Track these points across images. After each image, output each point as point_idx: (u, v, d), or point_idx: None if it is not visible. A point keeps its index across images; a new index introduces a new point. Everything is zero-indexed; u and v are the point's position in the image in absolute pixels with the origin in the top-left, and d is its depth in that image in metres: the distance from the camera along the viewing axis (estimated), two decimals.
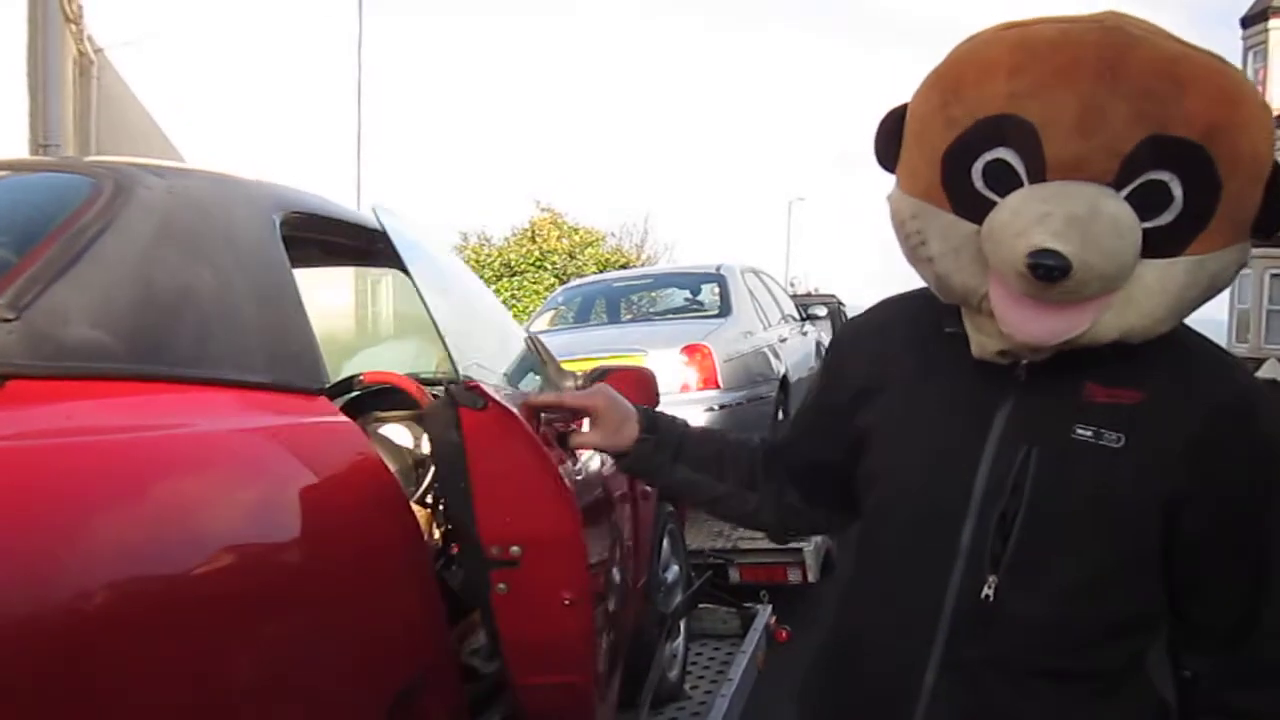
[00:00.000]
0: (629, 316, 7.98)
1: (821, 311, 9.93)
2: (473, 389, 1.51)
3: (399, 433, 2.69)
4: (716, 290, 7.25)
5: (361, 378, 2.63)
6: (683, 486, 1.46)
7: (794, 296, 10.06)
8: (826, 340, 9.70)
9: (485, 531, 1.49)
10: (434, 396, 2.61)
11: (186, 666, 1.03)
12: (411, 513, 1.50)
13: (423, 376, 3.17)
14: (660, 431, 1.42)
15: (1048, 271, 0.98)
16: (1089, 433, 1.09)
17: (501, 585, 1.50)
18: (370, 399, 2.75)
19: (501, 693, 2.11)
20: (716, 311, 6.96)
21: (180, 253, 1.34)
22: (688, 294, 7.99)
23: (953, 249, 1.10)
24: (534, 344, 2.73)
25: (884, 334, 1.31)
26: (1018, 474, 1.10)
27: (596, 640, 1.66)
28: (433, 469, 2.40)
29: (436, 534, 2.64)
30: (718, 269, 7.43)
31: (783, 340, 7.24)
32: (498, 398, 1.51)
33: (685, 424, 1.49)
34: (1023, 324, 1.05)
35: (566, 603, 1.55)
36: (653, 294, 8.63)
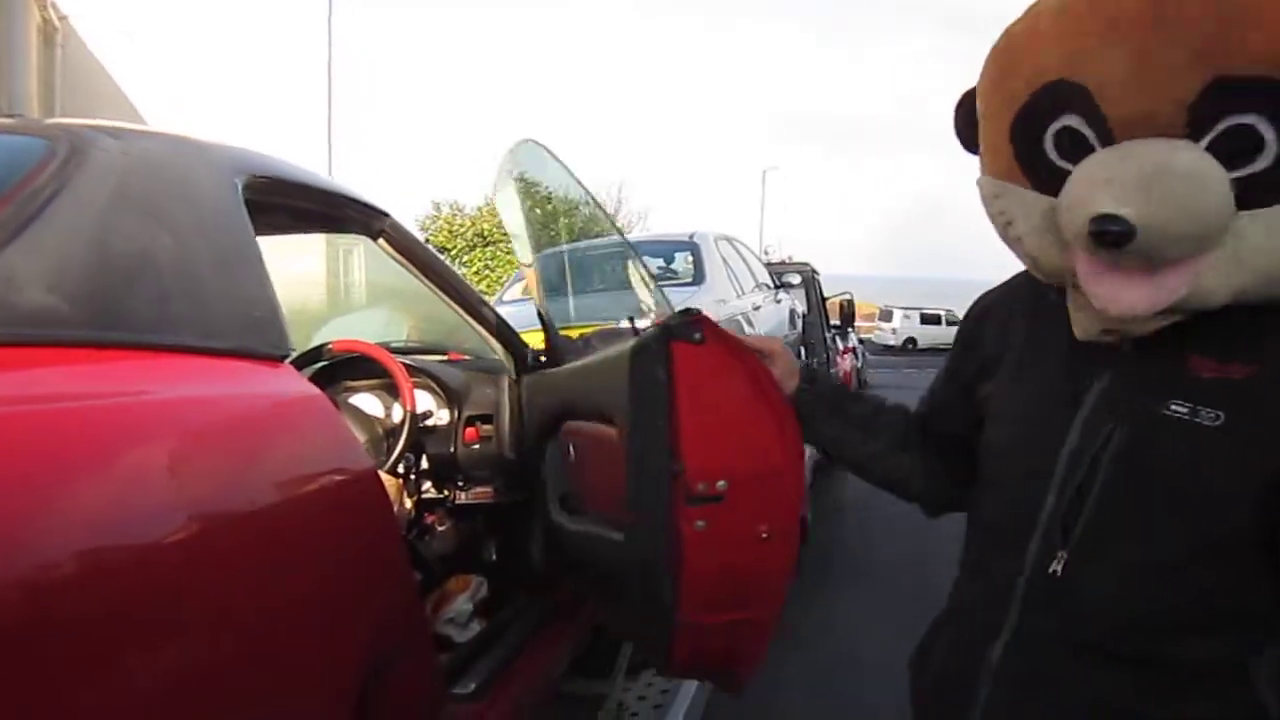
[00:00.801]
0: (603, 285, 7.93)
1: (795, 279, 9.88)
2: (693, 322, 1.47)
3: (369, 402, 2.66)
4: (690, 258, 7.22)
5: (330, 346, 2.61)
6: (836, 441, 1.45)
7: (768, 265, 10.03)
8: (800, 308, 9.69)
9: (693, 468, 1.45)
10: (405, 365, 2.59)
11: (149, 638, 1.01)
12: (380, 482, 1.48)
13: (394, 346, 3.15)
14: (819, 384, 1.45)
15: (1114, 238, 0.95)
16: (1184, 409, 1.03)
17: (700, 522, 1.47)
18: (340, 368, 2.73)
19: (475, 661, 2.11)
20: (690, 280, 6.93)
21: (137, 216, 1.31)
22: (661, 262, 7.94)
23: (1035, 228, 1.07)
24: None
25: (1007, 306, 1.30)
26: (1099, 449, 1.07)
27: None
28: (404, 437, 2.39)
29: (409, 503, 2.64)
30: (691, 237, 7.39)
31: (756, 308, 7.23)
32: (718, 329, 1.48)
33: (841, 383, 1.50)
34: (1113, 296, 1.01)
35: (764, 536, 1.52)
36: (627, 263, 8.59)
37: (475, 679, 1.97)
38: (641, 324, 2.01)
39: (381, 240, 2.20)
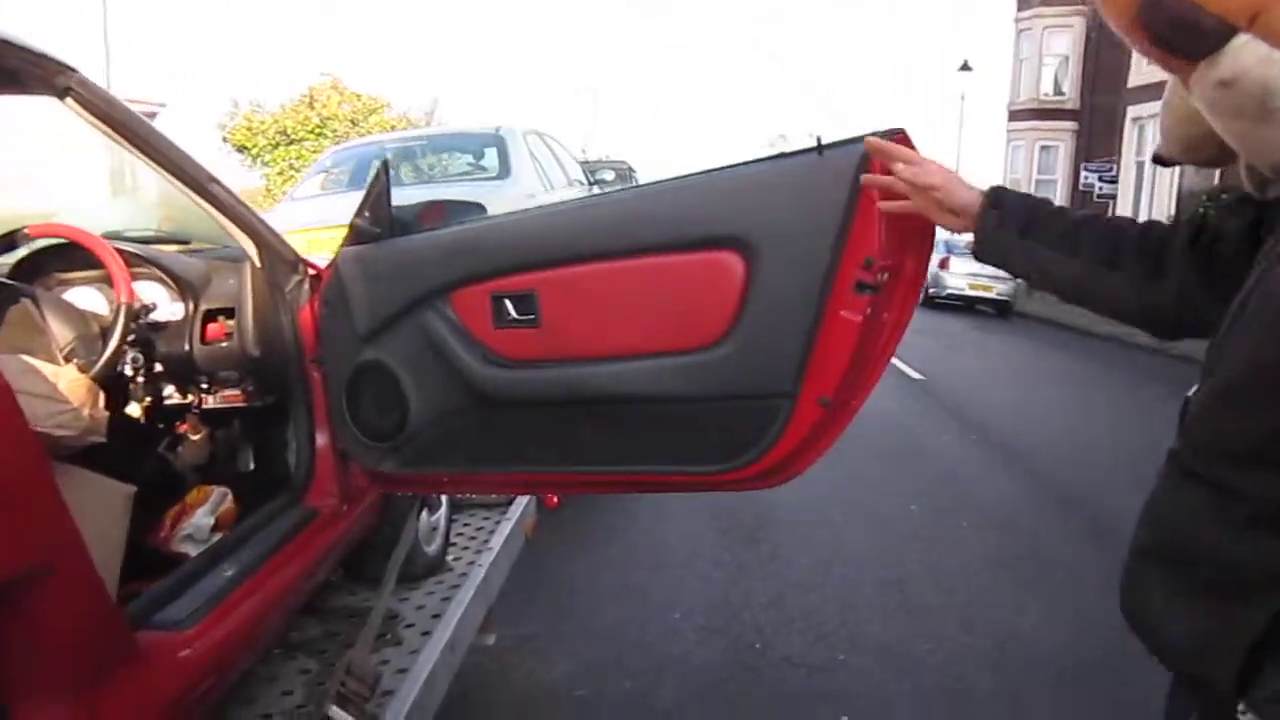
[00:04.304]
0: (410, 181, 7.57)
1: (609, 175, 9.75)
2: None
3: (86, 296, 2.33)
4: (496, 152, 6.96)
5: (27, 230, 2.25)
6: (1035, 268, 1.40)
7: (583, 163, 9.79)
8: None
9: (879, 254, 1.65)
10: (126, 253, 2.27)
11: None
12: (6, 389, 1.20)
13: (128, 234, 2.78)
14: (1006, 207, 1.40)
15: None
16: None
17: (844, 310, 1.70)
18: (53, 257, 2.37)
19: (195, 584, 1.87)
20: (495, 174, 6.68)
21: None
22: (470, 158, 7.65)
23: None
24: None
25: None
26: (1253, 284, 1.04)
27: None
28: (116, 333, 2.08)
29: (138, 410, 2.34)
30: (497, 130, 7.11)
31: None
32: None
33: (1042, 200, 1.45)
34: None
35: (888, 322, 1.75)
36: (439, 158, 8.19)
37: (189, 605, 1.73)
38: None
39: (70, 100, 1.85)
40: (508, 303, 2.01)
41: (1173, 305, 1.31)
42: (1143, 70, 19.95)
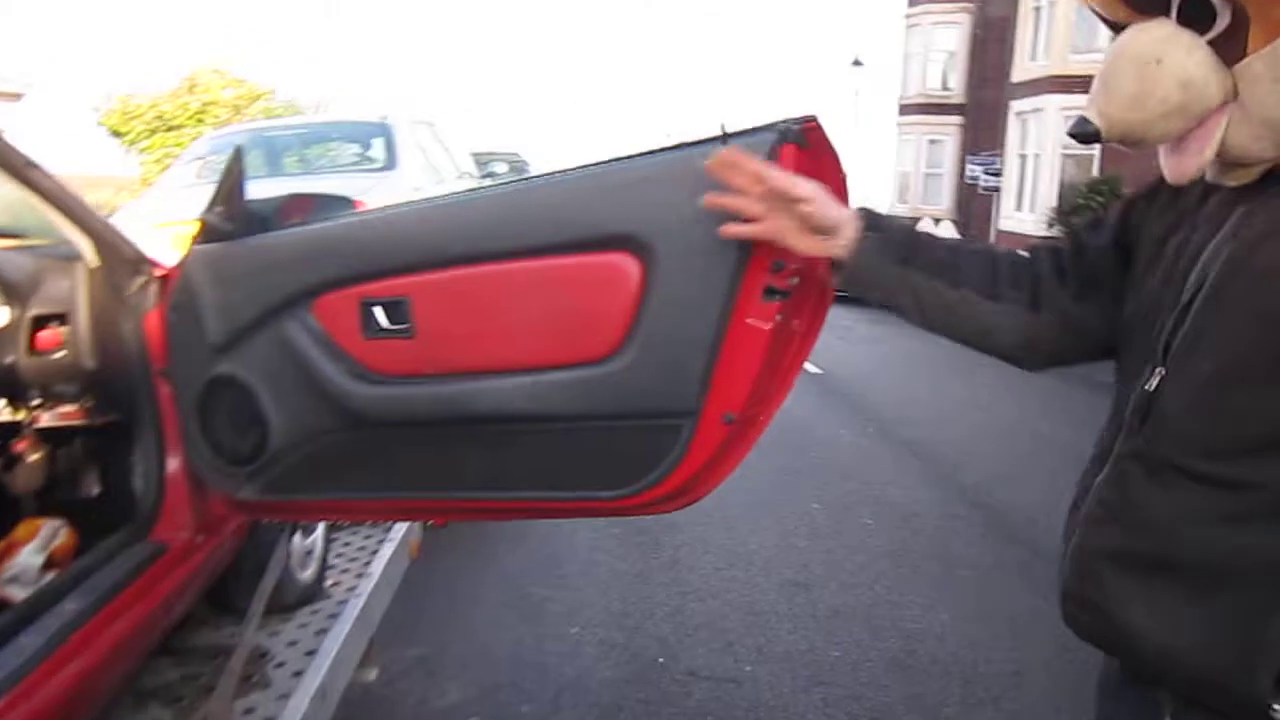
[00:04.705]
0: (296, 170, 7.20)
1: (502, 168, 9.51)
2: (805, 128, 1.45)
3: None
4: (384, 143, 6.66)
5: None
6: (911, 299, 1.30)
7: (474, 154, 9.52)
8: None
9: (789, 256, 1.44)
10: None
11: None
12: None
13: None
14: (886, 232, 1.29)
15: (1084, 139, 1.04)
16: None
17: (751, 318, 1.52)
18: None
19: (38, 619, 1.61)
20: (382, 165, 6.39)
21: None
22: (358, 148, 7.32)
23: None
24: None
25: None
26: (1211, 265, 1.04)
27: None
28: None
29: None
30: (382, 119, 6.81)
31: None
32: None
33: (910, 224, 1.38)
34: (1163, 166, 1.07)
35: (798, 331, 1.59)
36: (325, 148, 7.82)
37: (38, 638, 1.47)
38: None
39: None
40: (377, 310, 1.78)
41: (1056, 336, 1.28)
42: (1024, 66, 20.43)
